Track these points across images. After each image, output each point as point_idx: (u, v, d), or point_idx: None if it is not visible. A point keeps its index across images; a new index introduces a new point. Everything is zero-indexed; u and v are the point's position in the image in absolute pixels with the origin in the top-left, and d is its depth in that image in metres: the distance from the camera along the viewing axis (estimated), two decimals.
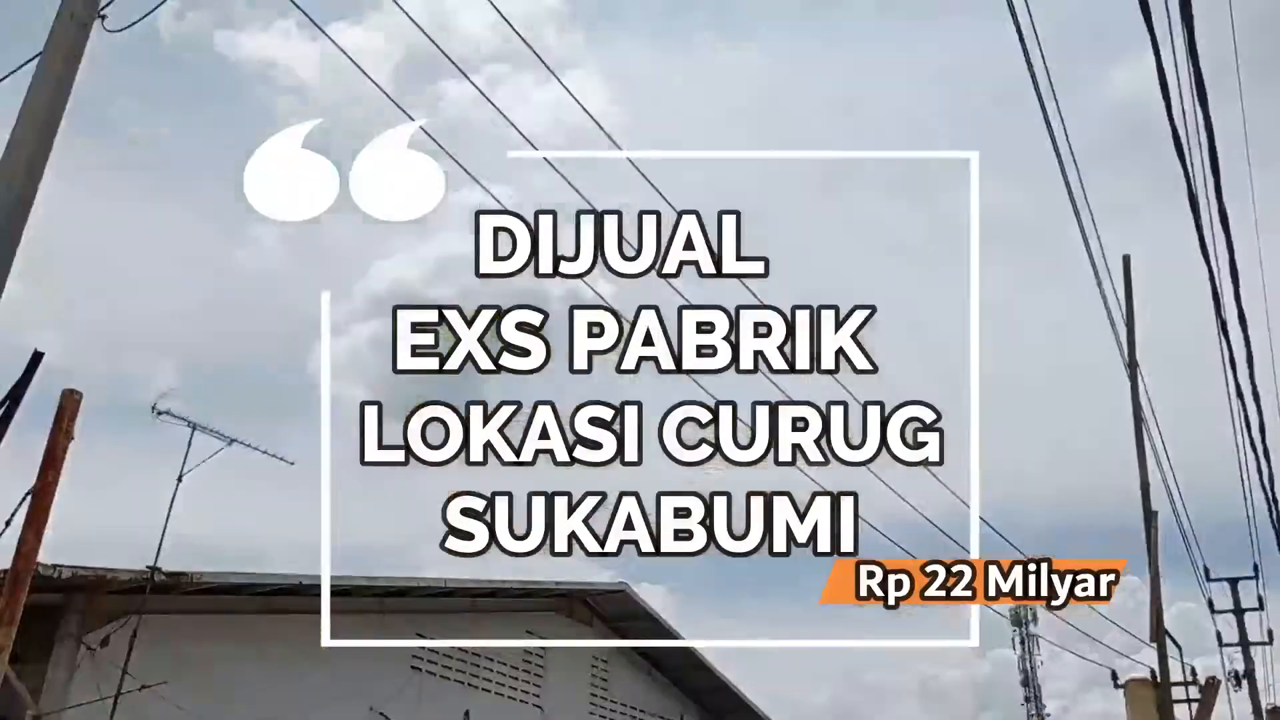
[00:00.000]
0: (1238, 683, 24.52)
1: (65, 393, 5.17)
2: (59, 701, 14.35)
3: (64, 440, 4.97)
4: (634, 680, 25.47)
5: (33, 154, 5.04)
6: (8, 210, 4.97)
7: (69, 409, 4.93)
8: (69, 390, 5.21)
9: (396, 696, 19.34)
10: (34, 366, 4.97)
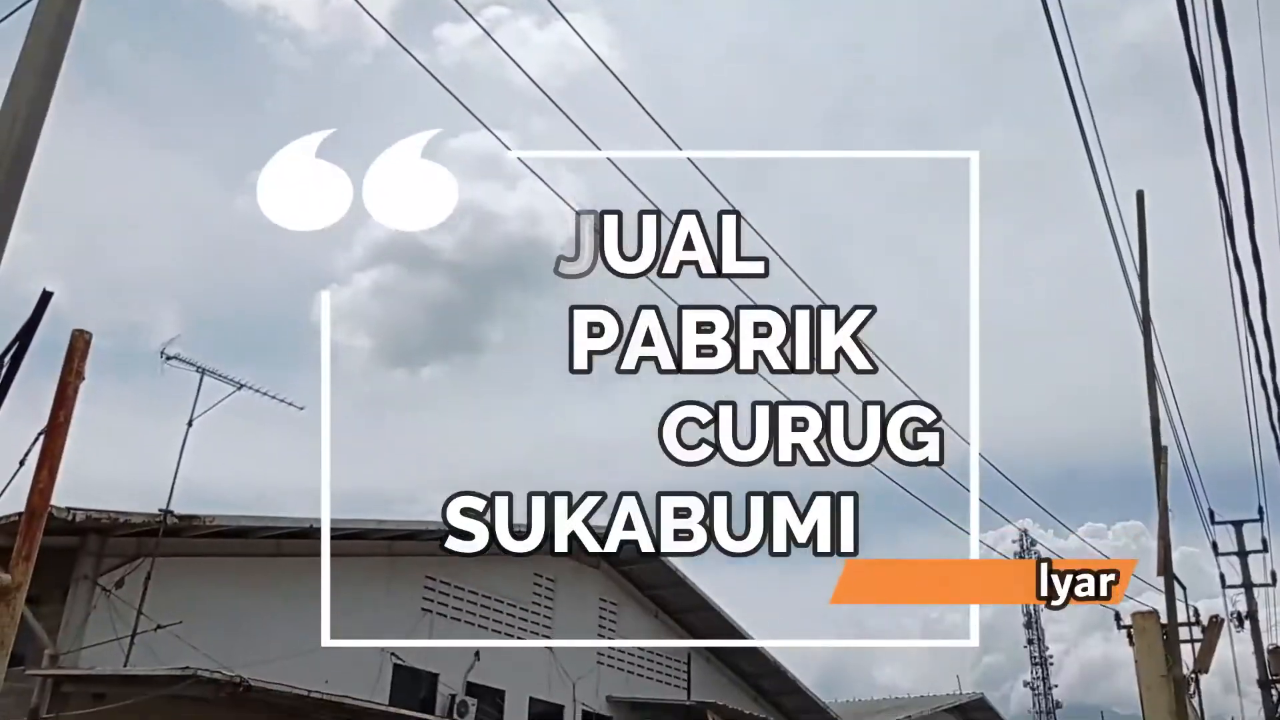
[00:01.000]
0: (1240, 623, 24.77)
1: (75, 333, 5.18)
2: (76, 641, 14.60)
3: (75, 380, 4.98)
4: (641, 621, 25.76)
5: (34, 96, 5.00)
6: (11, 153, 4.94)
7: (79, 349, 4.94)
8: (78, 330, 5.21)
9: (408, 637, 19.62)
10: (43, 306, 4.98)
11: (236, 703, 14.22)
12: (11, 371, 5.14)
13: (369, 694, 17.33)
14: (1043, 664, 71.84)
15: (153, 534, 15.24)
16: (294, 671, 15.42)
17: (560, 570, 23.82)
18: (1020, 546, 73.48)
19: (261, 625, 16.92)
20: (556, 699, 22.69)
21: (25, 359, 5.19)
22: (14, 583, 4.30)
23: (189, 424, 16.22)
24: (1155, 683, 4.17)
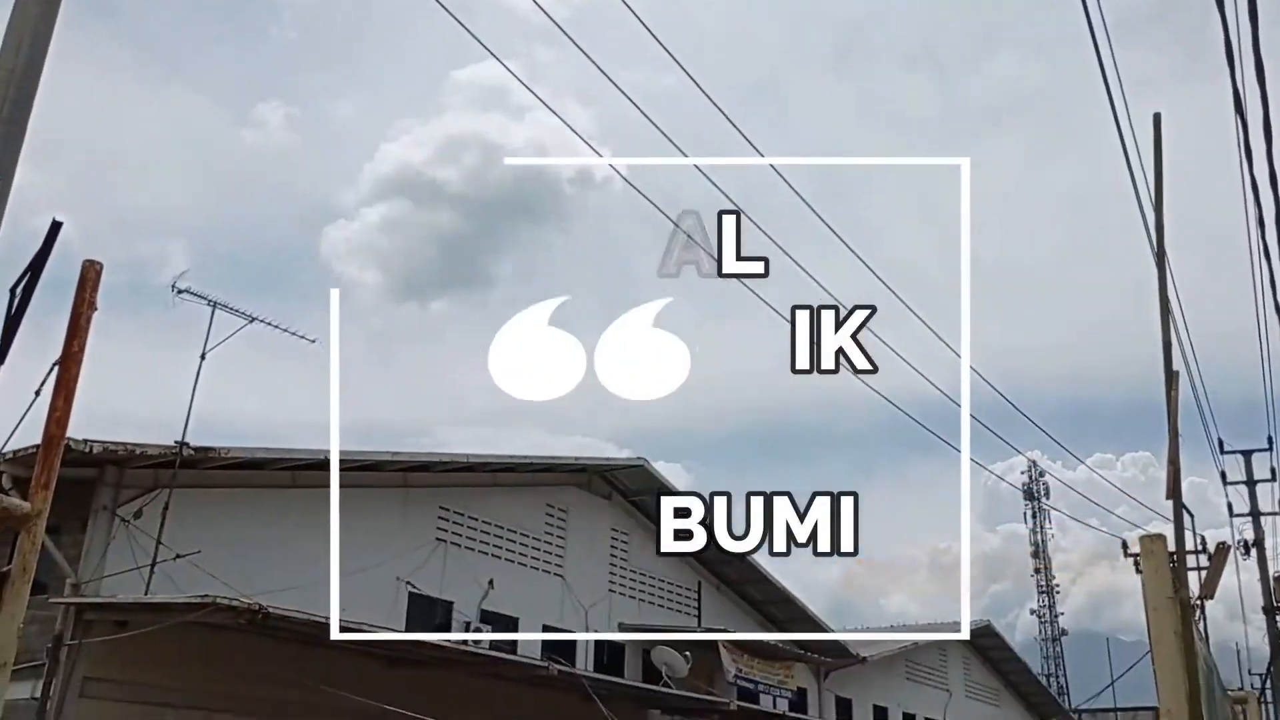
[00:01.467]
0: (1246, 551, 24.96)
1: (86, 263, 5.18)
2: (97, 570, 14.85)
3: (87, 310, 4.99)
4: (653, 551, 26.05)
5: (37, 22, 4.94)
6: (16, 81, 4.89)
7: (90, 279, 4.94)
8: (89, 261, 5.22)
9: (422, 566, 19.91)
10: (53, 236, 4.97)
11: (256, 630, 14.49)
12: (24, 303, 5.15)
13: (385, 621, 17.65)
14: (1049, 592, 72.71)
15: (169, 466, 15.41)
16: (311, 600, 15.70)
17: (572, 501, 24.07)
18: (1029, 477, 74.05)
19: (278, 555, 17.19)
20: (569, 626, 23.08)
21: (37, 292, 5.20)
22: (34, 510, 4.36)
23: (202, 357, 16.30)
24: (1161, 604, 4.22)
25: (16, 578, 4.26)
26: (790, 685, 27.09)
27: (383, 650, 16.90)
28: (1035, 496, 73.38)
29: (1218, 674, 8.68)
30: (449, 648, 17.64)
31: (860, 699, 32.57)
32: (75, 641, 14.36)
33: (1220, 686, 9.19)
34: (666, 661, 23.51)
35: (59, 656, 14.24)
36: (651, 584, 25.80)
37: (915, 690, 36.15)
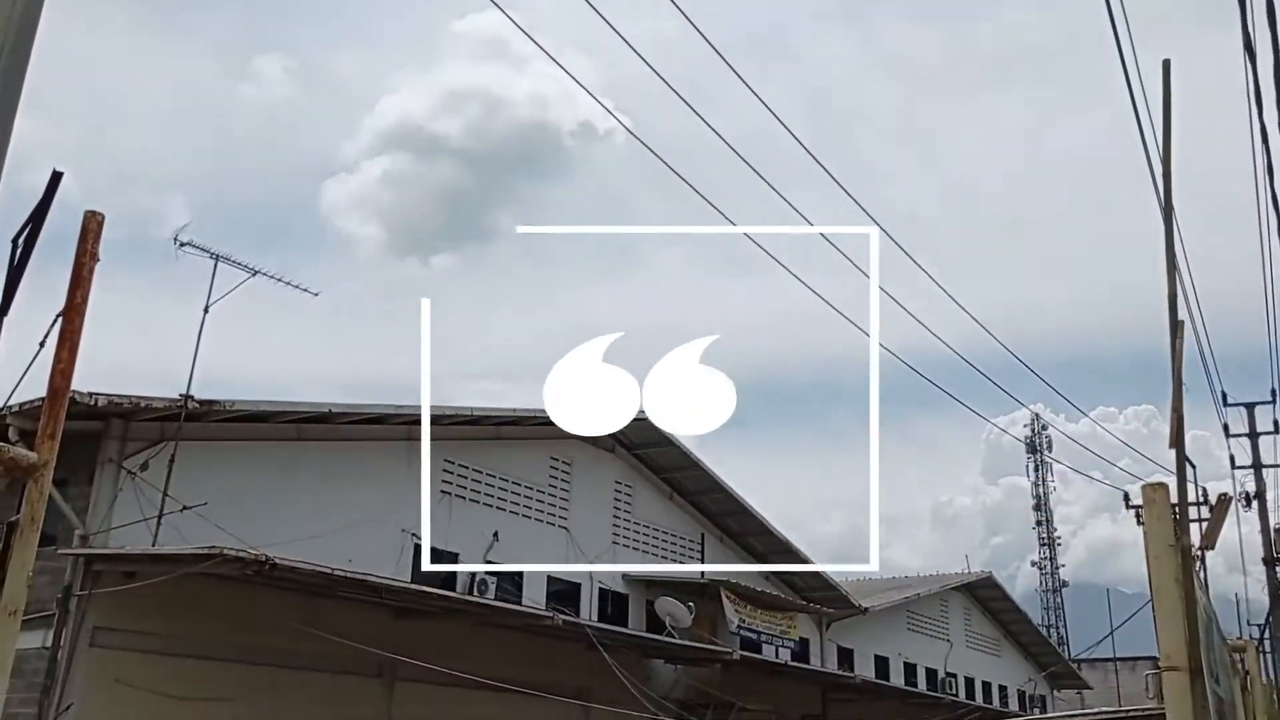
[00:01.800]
0: (1248, 503, 25.08)
1: (87, 214, 5.15)
2: (104, 522, 14.97)
3: (90, 261, 4.98)
4: (655, 503, 26.23)
5: None
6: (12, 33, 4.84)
7: (92, 229, 4.92)
8: (90, 211, 5.19)
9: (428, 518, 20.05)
10: (54, 187, 4.94)
11: (263, 580, 14.63)
12: (25, 254, 5.14)
13: (391, 573, 17.80)
14: (1050, 544, 73.13)
15: (174, 419, 15.48)
16: (317, 551, 15.83)
17: (576, 454, 24.18)
18: (1031, 430, 74.20)
19: (284, 507, 17.32)
20: (573, 577, 23.28)
21: (39, 245, 5.19)
22: (41, 460, 4.36)
23: (205, 310, 16.31)
24: (1163, 552, 4.24)
25: (25, 527, 4.28)
26: (792, 635, 27.38)
27: (389, 601, 17.07)
28: (1038, 449, 73.61)
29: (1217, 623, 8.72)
30: (454, 598, 17.83)
31: (862, 649, 32.92)
32: (84, 592, 14.51)
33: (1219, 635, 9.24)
34: (670, 612, 23.75)
35: (68, 607, 14.40)
36: (655, 535, 25.99)
37: (916, 640, 36.54)
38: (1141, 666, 44.43)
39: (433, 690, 18.49)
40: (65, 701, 14.09)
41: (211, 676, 15.64)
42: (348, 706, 17.62)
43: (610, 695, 20.66)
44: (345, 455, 18.92)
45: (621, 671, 19.86)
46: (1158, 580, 4.29)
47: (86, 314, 5.26)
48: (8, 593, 3.99)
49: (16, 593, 4.12)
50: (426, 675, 17.56)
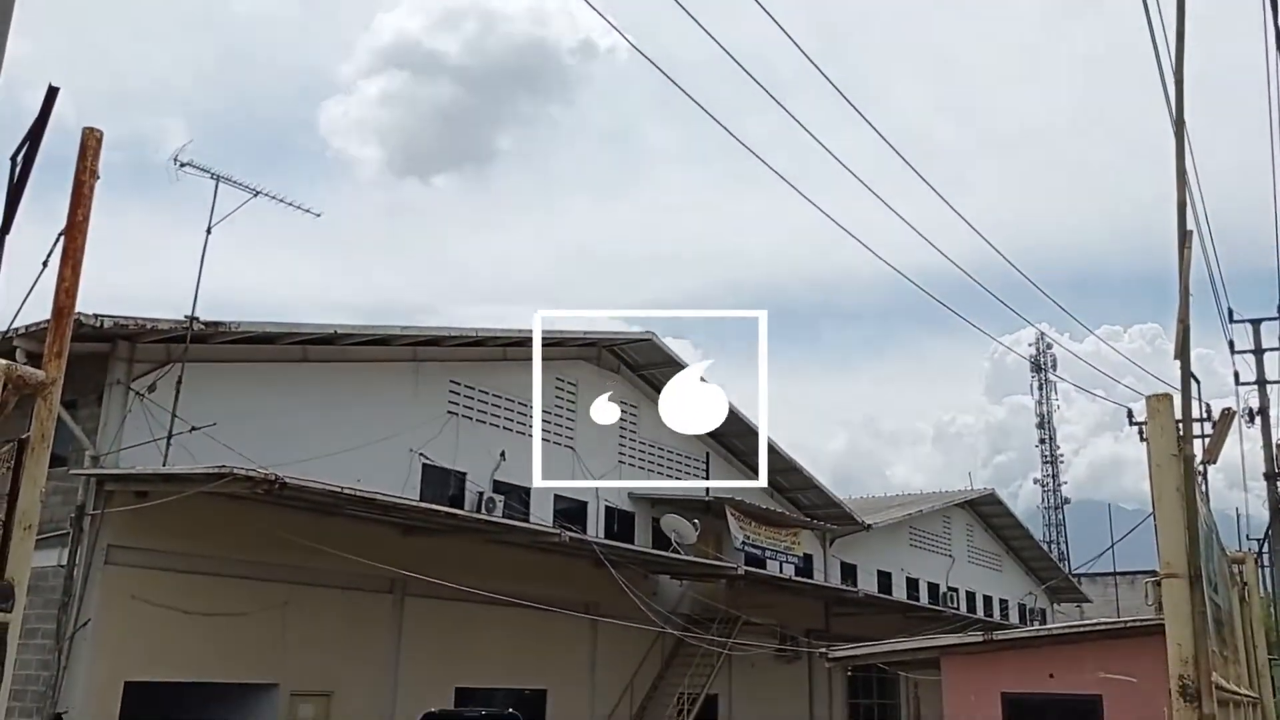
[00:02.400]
0: (1250, 419, 25.14)
1: (86, 130, 5.11)
2: (115, 443, 15.11)
3: (89, 179, 4.94)
4: (660, 423, 26.37)
5: None
6: None
7: (91, 146, 4.87)
8: (89, 128, 5.14)
9: (435, 439, 20.21)
10: (50, 102, 4.88)
11: (273, 499, 14.81)
12: (25, 171, 5.10)
13: (400, 492, 17.99)
14: (1053, 462, 73.69)
15: (180, 340, 15.53)
16: (325, 471, 16.00)
17: (581, 374, 24.25)
18: (1036, 349, 74.25)
19: (292, 427, 17.44)
20: (580, 496, 23.52)
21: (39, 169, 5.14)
22: (49, 378, 4.38)
23: (207, 231, 16.25)
24: (1166, 462, 4.27)
25: (36, 444, 4.32)
26: (796, 551, 27.75)
27: (398, 519, 17.30)
28: (1042, 368, 73.73)
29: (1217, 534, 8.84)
30: (463, 516, 18.06)
31: (865, 565, 33.39)
32: (97, 512, 14.71)
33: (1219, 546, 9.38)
34: (675, 528, 24.04)
35: (82, 526, 14.62)
36: (661, 455, 26.19)
37: (918, 556, 37.02)
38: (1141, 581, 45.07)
39: (443, 605, 18.84)
40: (83, 617, 14.38)
41: (225, 593, 15.93)
42: (360, 621, 17.97)
43: (617, 610, 21.04)
44: (351, 376, 19.00)
45: (628, 586, 20.19)
46: (1160, 489, 4.32)
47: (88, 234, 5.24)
48: (21, 508, 4.04)
49: (30, 508, 4.17)
50: (437, 591, 17.87)
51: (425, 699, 17.16)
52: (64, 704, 14.13)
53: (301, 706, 17.02)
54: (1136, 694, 13.10)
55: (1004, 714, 14.22)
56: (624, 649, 23.05)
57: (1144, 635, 13.60)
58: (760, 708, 26.80)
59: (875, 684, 32.18)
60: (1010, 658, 14.75)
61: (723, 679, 24.96)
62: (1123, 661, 13.55)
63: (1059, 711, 13.97)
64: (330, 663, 17.35)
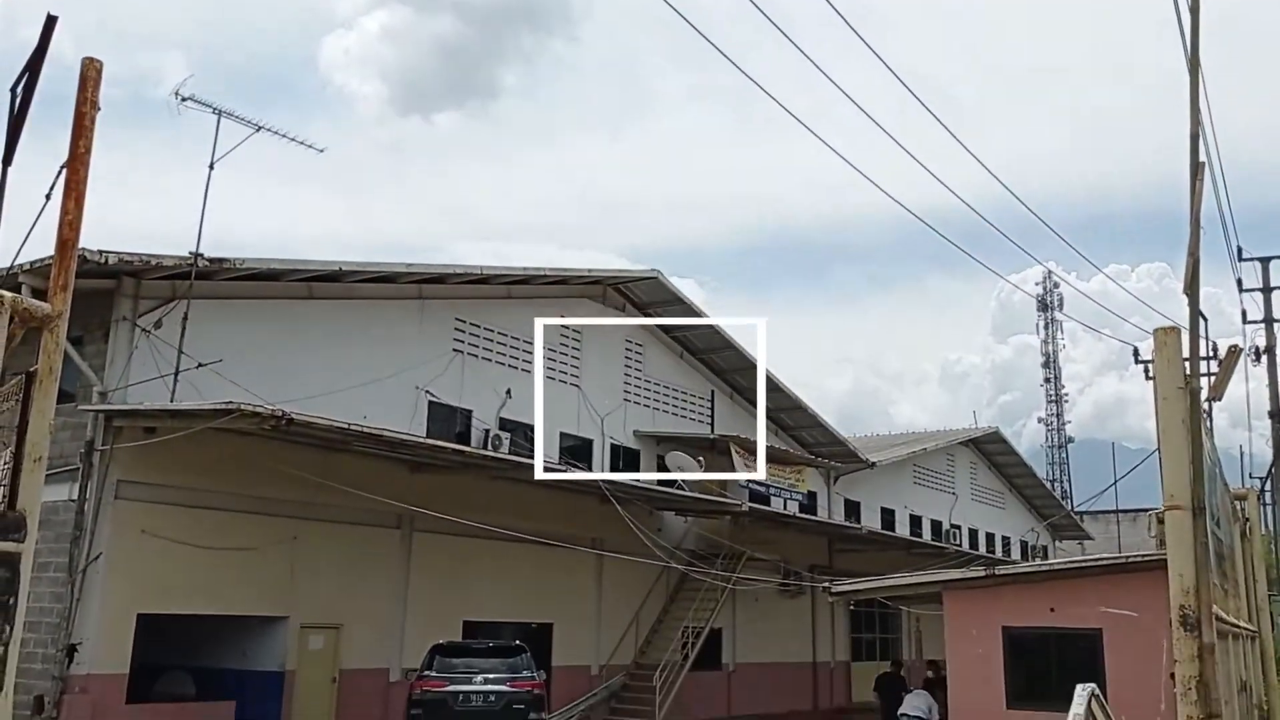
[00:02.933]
0: (1257, 358, 25.10)
1: (85, 61, 5.05)
2: (122, 379, 15.17)
3: (90, 110, 4.89)
4: (665, 361, 26.40)
5: None
6: None
7: (91, 77, 4.82)
8: (88, 58, 5.08)
9: (440, 376, 20.26)
10: (49, 31, 4.82)
11: (280, 435, 14.90)
12: (25, 101, 5.06)
13: (406, 429, 18.08)
14: (1058, 401, 73.81)
15: (185, 277, 15.51)
16: (331, 408, 16.07)
17: (587, 312, 24.22)
18: (1043, 288, 74.01)
19: (298, 364, 17.48)
20: (585, 434, 23.63)
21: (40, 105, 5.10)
22: (55, 311, 4.39)
23: (210, 167, 16.15)
24: (1172, 394, 4.27)
25: (43, 377, 4.33)
26: (800, 488, 27.93)
27: (405, 455, 17.41)
28: (1049, 307, 73.55)
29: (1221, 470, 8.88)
30: (469, 452, 18.17)
31: (869, 502, 33.62)
32: (106, 447, 14.82)
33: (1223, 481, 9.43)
34: (680, 465, 24.18)
35: (92, 461, 14.74)
36: (666, 393, 26.25)
37: (922, 493, 37.26)
38: (1143, 519, 45.41)
39: (450, 541, 19.04)
40: (95, 551, 14.56)
41: (234, 527, 16.11)
42: (368, 556, 18.18)
43: (622, 546, 21.25)
44: (357, 313, 19.00)
45: (633, 523, 20.37)
46: (1165, 421, 4.32)
47: (90, 167, 5.21)
48: (31, 440, 4.06)
49: (39, 440, 4.20)
50: (444, 526, 18.05)
51: (433, 632, 17.42)
52: (78, 635, 14.37)
53: (312, 638, 17.30)
54: (1136, 628, 13.24)
55: (1005, 647, 14.40)
56: (629, 584, 23.32)
57: (1145, 570, 13.72)
58: (764, 642, 27.18)
59: (878, 619, 32.60)
60: (1011, 592, 14.89)
61: (727, 613, 25.28)
62: (1123, 596, 13.68)
63: (1059, 645, 14.14)
64: (339, 596, 17.60)
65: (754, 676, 26.62)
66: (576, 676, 22.25)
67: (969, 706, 14.34)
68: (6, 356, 4.09)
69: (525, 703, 14.54)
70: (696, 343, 26.91)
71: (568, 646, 22.15)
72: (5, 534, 3.75)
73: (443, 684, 14.55)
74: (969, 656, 14.52)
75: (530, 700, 14.61)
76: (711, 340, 26.78)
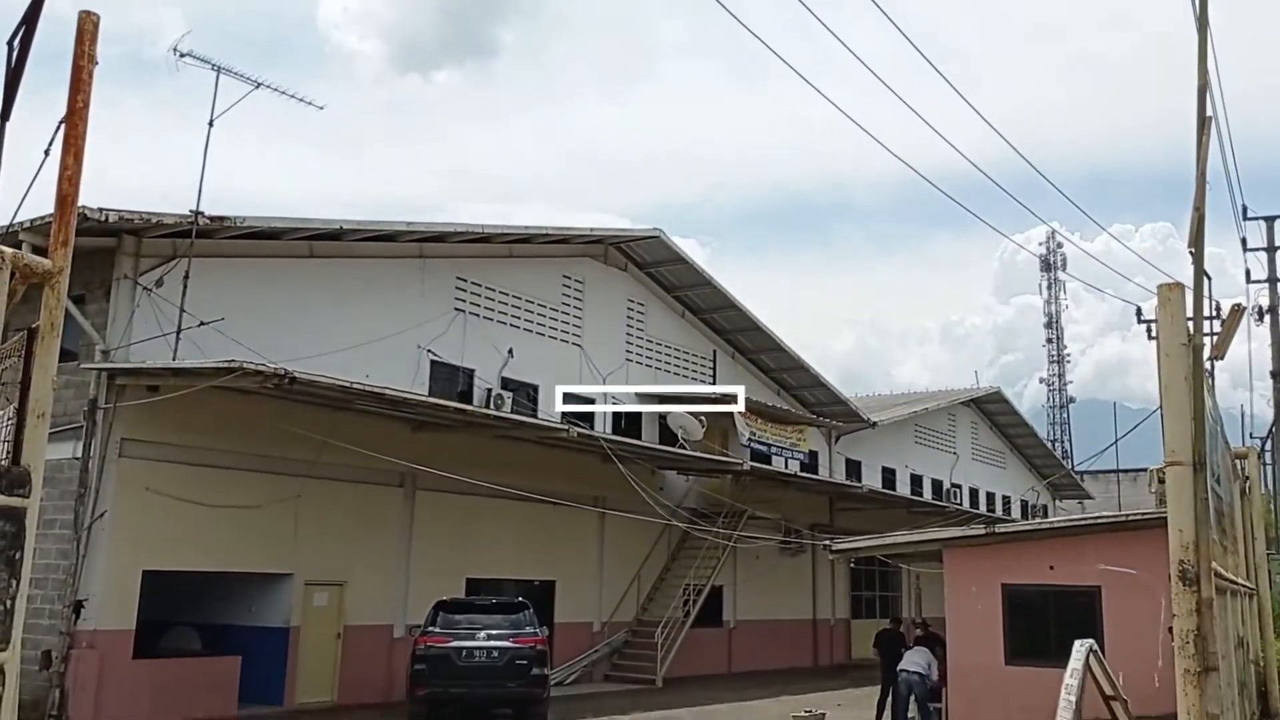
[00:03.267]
0: (1260, 317, 25.05)
1: (82, 14, 5.00)
2: (124, 338, 15.18)
3: (88, 64, 4.85)
4: (668, 321, 26.38)
5: None
6: None
7: (88, 30, 4.78)
8: (85, 11, 5.03)
9: (442, 336, 20.26)
10: None
11: (283, 394, 14.93)
12: (22, 55, 5.02)
13: (408, 388, 18.10)
14: (1059, 361, 73.78)
15: (185, 235, 15.46)
16: (334, 367, 16.08)
17: (589, 272, 24.17)
18: (1047, 248, 73.76)
19: (300, 324, 17.48)
20: (588, 392, 23.65)
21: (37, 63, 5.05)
22: (55, 267, 4.38)
23: (209, 124, 16.05)
24: (1175, 351, 4.27)
25: (45, 333, 4.33)
26: (802, 448, 28.02)
27: (408, 414, 17.44)
28: (1052, 267, 73.34)
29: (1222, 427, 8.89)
30: (472, 411, 18.21)
31: (870, 461, 33.72)
32: (109, 405, 14.86)
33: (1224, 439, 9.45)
34: (682, 425, 24.24)
35: (95, 419, 14.78)
36: (668, 352, 26.26)
37: (923, 453, 37.37)
38: (1143, 479, 45.52)
39: (454, 499, 19.14)
40: (100, 508, 14.65)
41: (238, 486, 16.19)
42: (372, 514, 18.28)
43: (624, 504, 21.36)
44: (358, 272, 18.96)
45: (635, 481, 20.46)
46: (1167, 377, 4.32)
47: (89, 122, 5.17)
48: (34, 395, 4.07)
49: (43, 396, 4.20)
50: (447, 485, 18.15)
51: (436, 589, 17.54)
52: (84, 592, 14.50)
53: (316, 595, 17.45)
54: (1135, 585, 13.33)
55: (1004, 605, 14.51)
56: (631, 542, 23.47)
57: (1145, 529, 13.79)
58: (764, 599, 27.40)
59: (878, 577, 32.82)
60: (1011, 550, 14.98)
61: (728, 571, 25.46)
62: (1123, 554, 13.76)
63: (1058, 602, 14.25)
64: (343, 553, 17.72)
65: (754, 633, 26.87)
66: (579, 633, 22.46)
67: (968, 663, 14.47)
68: (8, 314, 4.08)
69: (528, 658, 14.67)
70: (698, 302, 26.88)
71: (570, 603, 22.33)
72: (10, 489, 3.77)
73: (446, 639, 14.68)
74: (969, 614, 14.63)
75: (533, 656, 14.74)
76: (714, 299, 26.74)
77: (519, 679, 14.57)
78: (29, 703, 13.40)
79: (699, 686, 21.79)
